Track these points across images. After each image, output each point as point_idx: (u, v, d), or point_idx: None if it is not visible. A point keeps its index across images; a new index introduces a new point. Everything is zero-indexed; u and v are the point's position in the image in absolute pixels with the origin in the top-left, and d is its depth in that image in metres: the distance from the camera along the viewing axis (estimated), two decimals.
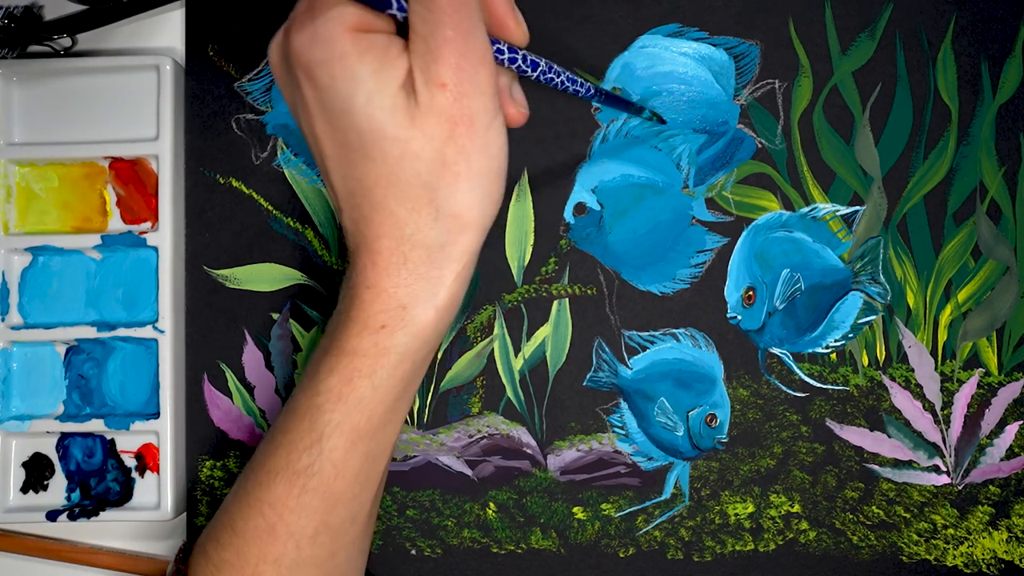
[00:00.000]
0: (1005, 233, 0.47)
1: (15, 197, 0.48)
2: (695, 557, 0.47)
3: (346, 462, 0.35)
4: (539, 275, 0.48)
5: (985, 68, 0.47)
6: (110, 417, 0.47)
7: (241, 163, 0.49)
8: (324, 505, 0.35)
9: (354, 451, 0.35)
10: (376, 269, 0.34)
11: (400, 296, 0.34)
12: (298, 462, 0.35)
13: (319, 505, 0.35)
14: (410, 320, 0.34)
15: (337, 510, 0.36)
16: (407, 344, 0.34)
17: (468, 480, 0.47)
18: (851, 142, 0.47)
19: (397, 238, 0.33)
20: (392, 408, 0.36)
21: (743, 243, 0.47)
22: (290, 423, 0.36)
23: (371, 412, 0.35)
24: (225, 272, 0.48)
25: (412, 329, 0.34)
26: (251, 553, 0.36)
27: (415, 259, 0.34)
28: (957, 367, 0.47)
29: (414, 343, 0.35)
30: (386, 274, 0.34)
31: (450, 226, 0.33)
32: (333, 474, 0.35)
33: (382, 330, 0.34)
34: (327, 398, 0.35)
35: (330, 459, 0.35)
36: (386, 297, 0.34)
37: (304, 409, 0.35)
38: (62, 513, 0.47)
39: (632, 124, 0.48)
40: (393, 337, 0.34)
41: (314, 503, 0.35)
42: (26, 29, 0.48)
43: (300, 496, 0.35)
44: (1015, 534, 0.46)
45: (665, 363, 0.47)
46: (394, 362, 0.35)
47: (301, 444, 0.35)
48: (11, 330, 0.47)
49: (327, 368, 0.35)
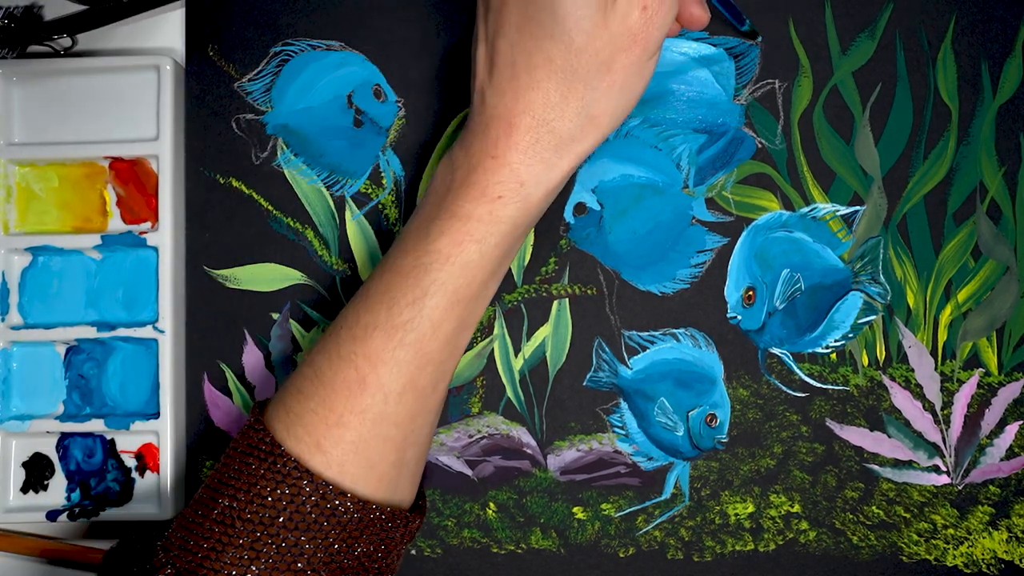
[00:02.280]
0: (1005, 233, 0.47)
1: (15, 197, 0.48)
2: (695, 557, 0.47)
3: (442, 323, 0.37)
4: (539, 275, 0.48)
5: (985, 68, 0.47)
6: (110, 417, 0.47)
7: (241, 163, 0.49)
8: (416, 363, 0.37)
9: (451, 313, 0.38)
10: (508, 142, 0.37)
11: (521, 172, 0.37)
12: (399, 316, 0.37)
13: (412, 362, 0.37)
14: (524, 196, 0.37)
15: (426, 371, 0.38)
16: (516, 217, 0.38)
17: (468, 480, 0.47)
18: (851, 142, 0.47)
19: (539, 119, 0.37)
20: (490, 278, 0.38)
21: (743, 243, 0.47)
22: (391, 281, 0.38)
23: (473, 276, 0.38)
24: (225, 272, 0.48)
25: (523, 204, 0.37)
26: (337, 402, 0.37)
27: (545, 143, 0.37)
28: (957, 367, 0.47)
29: (522, 217, 0.38)
30: (516, 148, 0.37)
31: (585, 125, 0.37)
32: (430, 332, 0.37)
33: (498, 200, 0.37)
34: (436, 258, 0.37)
35: (430, 317, 0.37)
36: (508, 170, 0.37)
37: (409, 268, 0.38)
38: (62, 513, 0.47)
39: (632, 124, 0.48)
40: (507, 208, 0.37)
41: (407, 359, 0.37)
42: (26, 29, 0.48)
43: (396, 350, 0.37)
44: (1015, 534, 0.46)
45: (665, 363, 0.47)
46: (503, 231, 0.37)
47: (404, 300, 0.37)
48: (11, 330, 0.47)
49: (438, 230, 0.37)
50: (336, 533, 0.37)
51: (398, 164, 0.48)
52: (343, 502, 0.37)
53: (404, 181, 0.48)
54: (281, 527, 0.36)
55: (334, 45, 0.49)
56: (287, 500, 0.36)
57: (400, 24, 0.48)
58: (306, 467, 0.37)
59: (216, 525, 0.37)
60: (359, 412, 0.37)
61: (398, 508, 0.39)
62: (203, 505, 0.38)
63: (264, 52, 0.49)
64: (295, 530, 0.36)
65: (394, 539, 0.39)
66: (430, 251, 0.37)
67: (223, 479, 0.38)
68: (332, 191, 0.48)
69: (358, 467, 0.37)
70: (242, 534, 0.36)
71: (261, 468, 0.37)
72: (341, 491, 0.36)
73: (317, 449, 0.37)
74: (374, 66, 0.48)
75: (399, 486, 0.39)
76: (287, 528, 0.36)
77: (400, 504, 0.40)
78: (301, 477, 0.36)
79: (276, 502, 0.36)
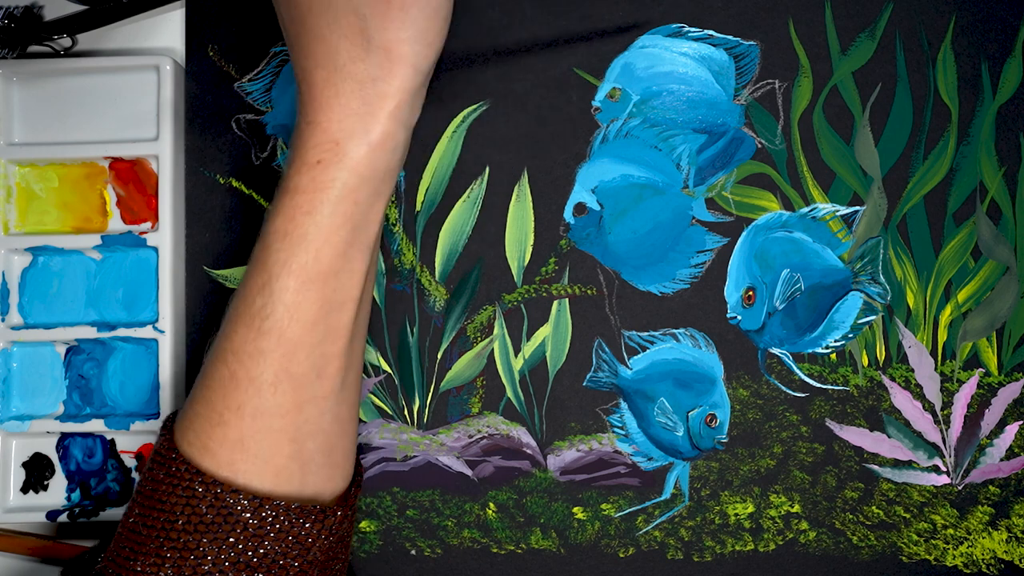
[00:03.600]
0: (1005, 233, 0.47)
1: (15, 197, 0.48)
2: (695, 557, 0.47)
3: (298, 304, 0.36)
4: (539, 275, 0.48)
5: (985, 68, 0.47)
6: (110, 417, 0.47)
7: (241, 163, 0.49)
8: (281, 350, 0.36)
9: (306, 293, 0.36)
10: (314, 103, 0.35)
11: (333, 131, 0.35)
12: (253, 304, 0.36)
13: (276, 350, 0.36)
14: (344, 155, 0.35)
15: (297, 358, 0.36)
16: (344, 181, 0.35)
17: (468, 480, 0.47)
18: (851, 142, 0.47)
19: (330, 68, 0.34)
20: (342, 253, 0.36)
21: (743, 243, 0.47)
22: (247, 270, 0.37)
23: (317, 251, 0.36)
24: (225, 272, 0.48)
25: (346, 164, 0.35)
26: (216, 401, 0.36)
27: (347, 91, 0.35)
28: (957, 367, 0.47)
29: (351, 179, 0.35)
30: (321, 107, 0.35)
31: (380, 60, 0.34)
32: (287, 316, 0.36)
33: (317, 165, 0.35)
34: (274, 238, 0.36)
35: (281, 300, 0.36)
36: (320, 131, 0.35)
37: (257, 253, 0.37)
38: (62, 513, 0.47)
39: (632, 124, 0.48)
40: (328, 172, 0.35)
41: (270, 347, 0.36)
42: (26, 29, 0.48)
43: (256, 340, 0.36)
44: (1015, 534, 0.46)
45: (665, 363, 0.47)
46: (333, 199, 0.35)
47: (254, 286, 0.36)
48: (11, 330, 0.47)
49: (274, 209, 0.36)
50: (237, 532, 0.36)
51: None
52: (237, 500, 0.35)
53: (403, 181, 0.48)
54: (181, 531, 0.35)
55: None
56: (183, 503, 0.36)
57: None
58: (196, 468, 0.36)
59: (130, 534, 0.37)
60: (235, 409, 0.36)
61: (308, 502, 0.38)
62: (125, 514, 0.38)
63: (264, 52, 0.49)
64: (194, 532, 0.35)
65: (309, 534, 0.37)
66: (268, 232, 0.36)
67: (138, 488, 0.38)
68: None
69: (249, 464, 0.36)
70: (147, 540, 0.36)
71: (160, 473, 0.37)
72: (234, 488, 0.36)
73: (205, 451, 0.36)
74: None
75: (307, 479, 0.38)
76: (187, 531, 0.35)
77: (315, 497, 0.38)
78: (192, 479, 0.36)
79: (174, 506, 0.36)
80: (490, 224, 0.48)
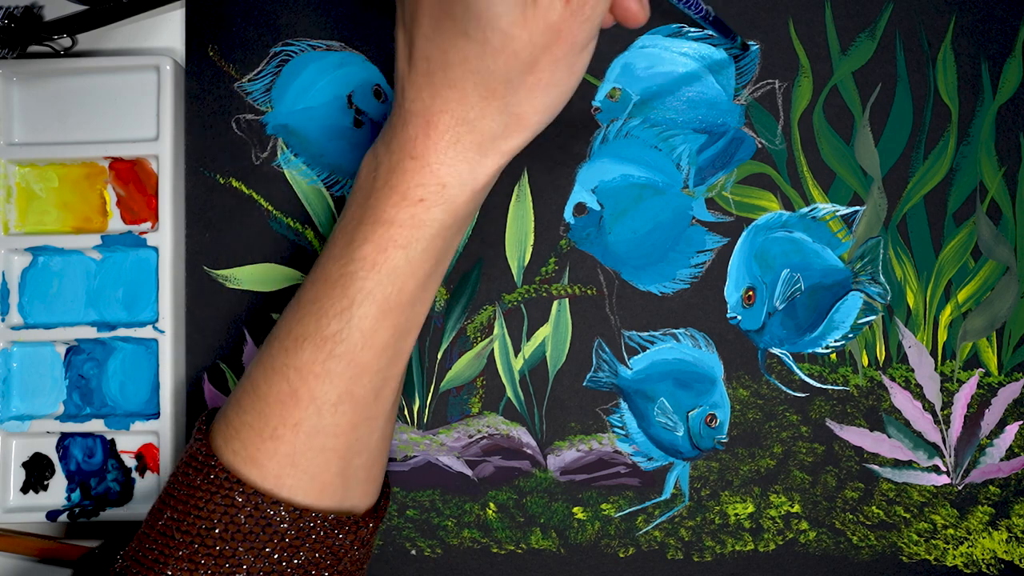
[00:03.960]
0: (1005, 233, 0.47)
1: (15, 197, 0.48)
2: (695, 557, 0.47)
3: (375, 332, 0.36)
4: (539, 275, 0.48)
5: (985, 68, 0.47)
6: (110, 417, 0.47)
7: (241, 163, 0.49)
8: (349, 373, 0.36)
9: (384, 322, 0.36)
10: (427, 141, 0.35)
11: (442, 174, 0.35)
12: (327, 328, 0.36)
13: (344, 373, 0.36)
14: (448, 198, 0.35)
15: (362, 381, 0.36)
16: (442, 221, 0.36)
17: (468, 480, 0.47)
18: (851, 142, 0.47)
19: (458, 118, 0.34)
20: (423, 284, 0.37)
21: (743, 243, 0.47)
22: (320, 291, 0.37)
23: (403, 284, 0.36)
24: (225, 272, 0.48)
25: (448, 207, 0.35)
26: (272, 416, 0.36)
27: (467, 143, 0.35)
28: (957, 367, 0.47)
29: (448, 220, 0.36)
30: (435, 149, 0.35)
31: (510, 123, 0.35)
32: (361, 343, 0.36)
33: (420, 203, 0.35)
34: (361, 266, 0.36)
35: (359, 327, 0.36)
36: (428, 172, 0.35)
37: (336, 277, 0.36)
38: (62, 513, 0.47)
39: (632, 124, 0.48)
40: (430, 212, 0.35)
41: (339, 370, 0.36)
42: (26, 29, 0.48)
43: (326, 362, 0.36)
44: (1015, 534, 0.46)
45: (665, 363, 0.47)
46: (429, 236, 0.36)
47: (332, 310, 0.36)
48: (11, 330, 0.47)
49: (362, 237, 0.36)
50: (274, 542, 0.36)
51: None
52: (277, 512, 0.36)
53: None
54: (217, 538, 0.36)
55: (334, 45, 0.49)
56: (221, 511, 0.36)
57: None
58: (237, 477, 0.36)
59: (160, 537, 0.37)
60: (292, 425, 0.36)
61: (345, 514, 0.38)
62: (152, 516, 0.38)
63: (264, 52, 0.49)
64: (231, 540, 0.36)
65: (342, 545, 0.38)
66: (355, 259, 0.36)
67: (169, 490, 0.38)
68: (332, 191, 0.48)
69: (296, 479, 0.36)
70: (181, 546, 0.36)
71: (197, 479, 0.37)
72: (275, 500, 0.36)
73: (252, 463, 0.36)
74: (374, 66, 0.48)
75: (348, 493, 0.38)
76: (223, 539, 0.36)
77: (351, 510, 0.39)
78: (232, 488, 0.36)
79: (211, 513, 0.36)
80: (490, 224, 0.48)
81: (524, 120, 0.35)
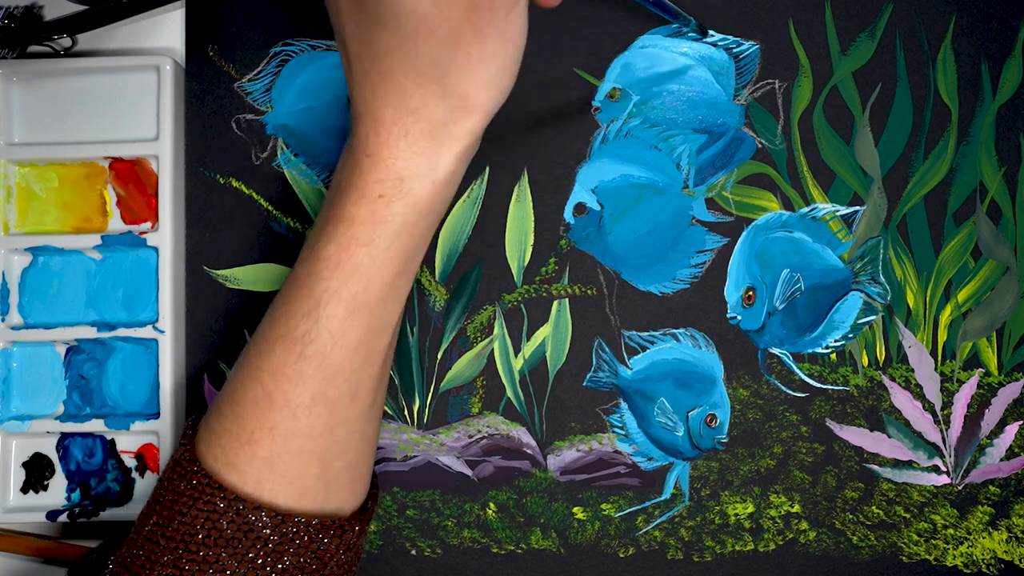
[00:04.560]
0: (1005, 233, 0.47)
1: (15, 197, 0.48)
2: (695, 557, 0.47)
3: (344, 332, 0.36)
4: (539, 275, 0.48)
5: (985, 68, 0.47)
6: (110, 417, 0.47)
7: (241, 163, 0.49)
8: (321, 375, 0.36)
9: (352, 321, 0.36)
10: (378, 138, 0.34)
11: (398, 168, 0.34)
12: (296, 329, 0.36)
13: (316, 374, 0.36)
14: (407, 192, 0.35)
15: (336, 382, 0.36)
16: (404, 215, 0.35)
17: (468, 480, 0.47)
18: (851, 142, 0.47)
19: (402, 109, 0.34)
20: (392, 283, 0.36)
21: (743, 243, 0.47)
22: (290, 292, 0.37)
23: (368, 282, 0.35)
24: (225, 272, 0.48)
25: (409, 200, 0.35)
26: (248, 420, 0.36)
27: (416, 132, 0.34)
28: (957, 367, 0.47)
29: (411, 215, 0.35)
30: (387, 144, 0.34)
31: (455, 105, 0.34)
32: (331, 343, 0.36)
33: (379, 199, 0.35)
34: (325, 265, 0.35)
35: (327, 327, 0.35)
36: (384, 167, 0.34)
37: (304, 277, 0.36)
38: (62, 513, 0.47)
39: (632, 124, 0.48)
40: (390, 207, 0.35)
41: (311, 371, 0.36)
42: (26, 29, 0.48)
43: (297, 363, 0.36)
44: (1015, 534, 0.46)
45: (665, 363, 0.47)
46: (391, 232, 0.35)
47: (299, 311, 0.36)
48: (11, 330, 0.47)
49: (326, 236, 0.36)
50: (257, 548, 0.36)
51: None
52: (259, 517, 0.36)
53: None
54: (201, 544, 0.36)
55: (334, 45, 0.49)
56: (204, 517, 0.36)
57: None
58: (219, 483, 0.36)
59: (146, 543, 0.37)
60: (268, 429, 0.36)
61: (329, 517, 0.38)
62: (139, 522, 0.38)
63: (264, 52, 0.49)
64: (214, 546, 0.36)
65: (327, 549, 0.37)
66: (320, 258, 0.36)
67: (155, 496, 0.38)
68: None
69: (275, 483, 0.36)
70: (166, 551, 0.36)
71: (181, 484, 0.37)
72: (256, 505, 0.36)
73: (232, 468, 0.36)
74: None
75: (330, 496, 0.38)
76: (206, 545, 0.36)
77: (335, 513, 0.38)
78: (214, 494, 0.36)
79: (194, 519, 0.36)
80: (490, 224, 0.48)
81: (470, 100, 0.34)
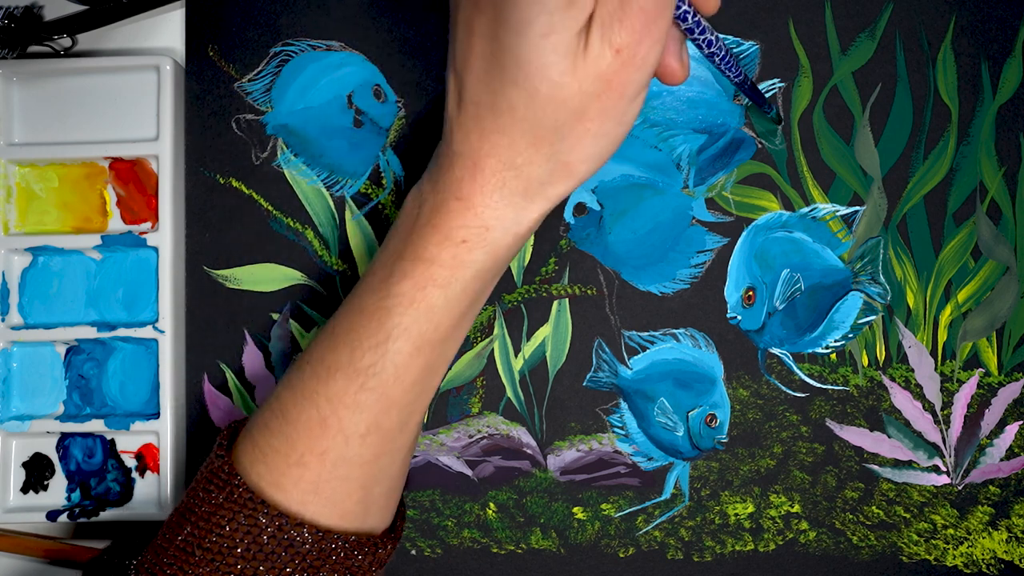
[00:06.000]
0: (1005, 233, 0.47)
1: (15, 197, 0.48)
2: (695, 557, 0.47)
3: (408, 368, 0.36)
4: (539, 275, 0.48)
5: (985, 68, 0.47)
6: (110, 417, 0.47)
7: (241, 163, 0.49)
8: (379, 407, 0.36)
9: (417, 359, 0.36)
10: (473, 184, 0.35)
11: (486, 217, 0.35)
12: (360, 360, 0.36)
13: (375, 405, 0.36)
14: (490, 241, 0.35)
15: (390, 414, 0.37)
16: (483, 262, 0.36)
17: (468, 480, 0.47)
18: (851, 142, 0.47)
19: (505, 163, 0.34)
20: (458, 323, 0.37)
21: (743, 243, 0.47)
22: (355, 321, 0.37)
23: (439, 322, 0.36)
24: (225, 272, 0.48)
25: (490, 249, 0.35)
26: (299, 442, 0.36)
27: (513, 187, 0.35)
28: (957, 367, 0.47)
29: (488, 262, 0.36)
30: (481, 192, 0.35)
31: (557, 171, 0.34)
32: (394, 377, 0.36)
33: (462, 244, 0.35)
34: (399, 301, 0.36)
35: (393, 361, 0.36)
36: (472, 214, 0.35)
37: (372, 310, 0.36)
38: (62, 513, 0.47)
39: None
40: (472, 253, 0.35)
41: (370, 402, 0.36)
42: (26, 29, 0.48)
43: (358, 393, 0.36)
44: (1015, 534, 0.46)
45: (665, 363, 0.47)
46: (468, 277, 0.36)
47: (367, 343, 0.36)
48: (11, 330, 0.47)
49: (401, 272, 0.36)
50: (295, 563, 0.36)
51: (398, 164, 0.48)
52: (300, 533, 0.36)
53: (404, 182, 0.48)
54: (239, 557, 0.36)
55: (334, 45, 0.49)
56: (244, 530, 0.36)
57: (400, 24, 0.48)
58: (262, 498, 0.36)
59: (179, 552, 0.37)
60: (319, 453, 0.36)
61: (366, 535, 0.38)
62: (170, 530, 0.38)
63: (264, 52, 0.49)
64: (253, 560, 0.36)
65: (360, 566, 0.38)
66: (393, 293, 0.36)
67: (189, 505, 0.38)
68: (332, 191, 0.48)
69: (319, 505, 0.37)
70: (201, 563, 0.36)
71: (220, 496, 0.37)
72: (299, 522, 0.36)
73: (276, 487, 0.36)
74: (374, 66, 0.48)
75: (367, 518, 0.38)
76: (245, 558, 0.36)
77: (371, 532, 0.39)
78: (256, 509, 0.36)
79: (234, 532, 0.36)
80: None
81: (571, 168, 0.34)
